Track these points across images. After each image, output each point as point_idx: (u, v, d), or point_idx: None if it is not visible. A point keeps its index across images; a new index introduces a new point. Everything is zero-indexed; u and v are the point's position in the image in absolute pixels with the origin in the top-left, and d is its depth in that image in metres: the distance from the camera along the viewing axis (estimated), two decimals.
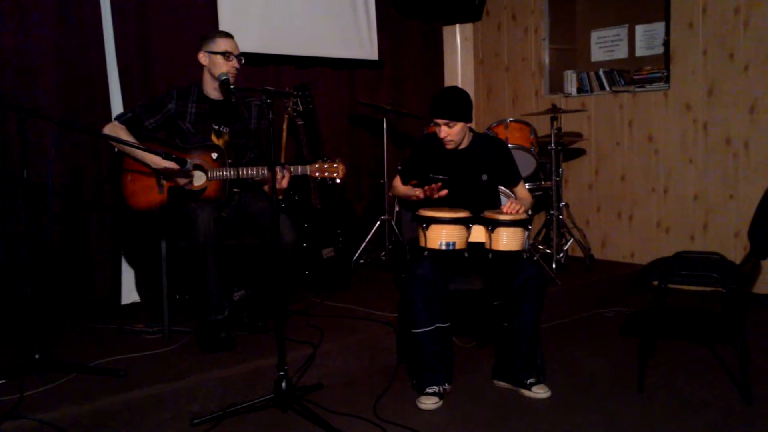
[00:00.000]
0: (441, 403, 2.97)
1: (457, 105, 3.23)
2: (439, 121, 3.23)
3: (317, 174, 3.27)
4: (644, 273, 3.37)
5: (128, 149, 3.25)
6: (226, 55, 3.33)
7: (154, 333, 3.48)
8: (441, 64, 6.16)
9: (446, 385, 3.06)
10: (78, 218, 4.09)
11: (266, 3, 4.85)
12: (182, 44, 4.32)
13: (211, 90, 3.44)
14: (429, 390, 3.00)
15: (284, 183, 3.24)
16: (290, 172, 3.26)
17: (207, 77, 3.42)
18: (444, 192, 3.21)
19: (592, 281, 4.73)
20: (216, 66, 3.34)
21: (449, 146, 3.30)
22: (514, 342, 3.13)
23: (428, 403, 2.95)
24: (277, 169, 3.14)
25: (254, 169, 3.27)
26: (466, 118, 3.26)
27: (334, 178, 3.27)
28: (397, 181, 3.56)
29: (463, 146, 3.35)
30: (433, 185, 3.21)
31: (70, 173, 4.05)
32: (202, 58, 3.39)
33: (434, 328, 3.02)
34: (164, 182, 3.32)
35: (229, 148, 3.43)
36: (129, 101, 4.15)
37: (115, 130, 3.30)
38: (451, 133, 3.24)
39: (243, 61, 3.41)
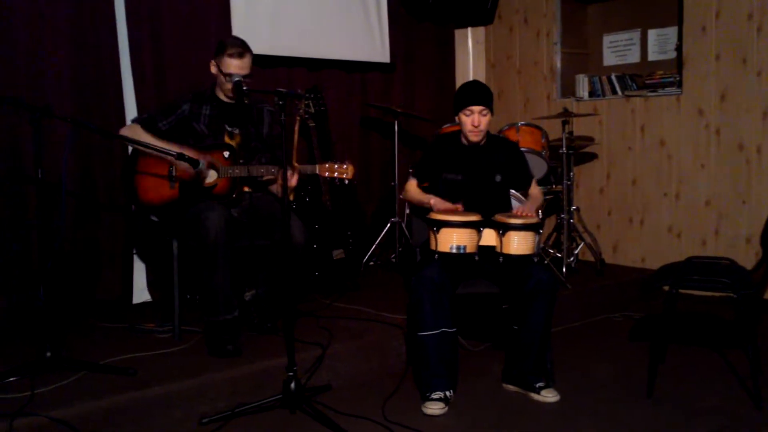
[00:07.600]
0: (446, 408, 2.94)
1: (490, 94, 3.29)
2: (475, 108, 3.23)
3: (326, 173, 3.30)
4: (655, 278, 3.36)
5: (143, 148, 3.28)
6: (229, 76, 3.32)
7: (164, 332, 3.50)
8: (453, 68, 6.15)
9: (450, 391, 3.03)
10: (90, 217, 4.12)
11: (278, 5, 4.87)
12: (196, 46, 4.35)
13: (223, 95, 3.48)
14: (434, 395, 2.97)
15: (293, 181, 3.26)
16: (299, 169, 3.28)
17: (218, 83, 3.45)
18: (460, 207, 3.21)
19: (603, 286, 4.71)
20: (221, 82, 3.40)
21: (476, 137, 3.29)
22: (523, 346, 3.12)
23: (434, 408, 2.93)
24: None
25: (264, 166, 3.32)
26: (493, 109, 3.31)
27: (343, 179, 3.29)
28: (409, 185, 3.51)
29: (482, 142, 3.36)
30: (453, 207, 3.20)
31: (83, 173, 4.07)
32: (213, 67, 3.41)
33: (440, 332, 3.00)
34: (176, 178, 3.34)
35: (239, 149, 3.45)
36: (142, 103, 4.18)
37: (134, 130, 3.36)
38: (483, 121, 3.25)
39: (251, 77, 3.39)
